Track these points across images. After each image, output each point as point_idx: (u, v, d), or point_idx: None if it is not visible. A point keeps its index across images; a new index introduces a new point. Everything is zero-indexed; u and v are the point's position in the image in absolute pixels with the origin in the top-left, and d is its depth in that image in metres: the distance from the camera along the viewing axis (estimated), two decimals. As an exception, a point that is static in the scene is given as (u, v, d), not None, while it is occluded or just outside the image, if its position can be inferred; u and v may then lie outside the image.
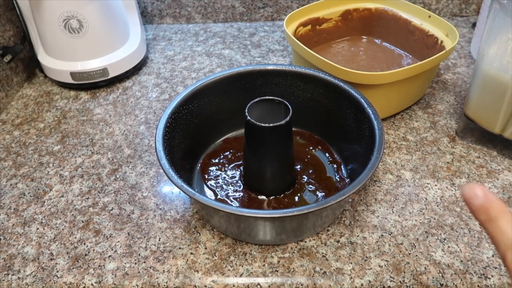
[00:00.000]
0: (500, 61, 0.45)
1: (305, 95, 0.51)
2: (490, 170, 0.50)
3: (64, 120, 0.62)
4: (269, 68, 0.51)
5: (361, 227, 0.44)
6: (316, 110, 0.52)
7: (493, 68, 0.46)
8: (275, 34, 0.80)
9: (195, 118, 0.49)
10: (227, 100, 0.51)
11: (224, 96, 0.51)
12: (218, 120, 0.52)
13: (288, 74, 0.51)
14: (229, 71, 0.51)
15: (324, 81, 0.49)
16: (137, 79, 0.70)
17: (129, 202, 0.48)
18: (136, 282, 0.40)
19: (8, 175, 0.53)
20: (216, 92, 0.50)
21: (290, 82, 0.51)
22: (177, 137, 0.46)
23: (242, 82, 0.51)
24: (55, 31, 0.63)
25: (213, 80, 0.50)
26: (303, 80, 0.51)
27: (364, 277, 0.40)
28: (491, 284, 0.39)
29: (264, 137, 0.42)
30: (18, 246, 0.44)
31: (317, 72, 0.50)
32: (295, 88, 0.52)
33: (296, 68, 0.51)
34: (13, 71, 0.67)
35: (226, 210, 0.36)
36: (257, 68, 0.51)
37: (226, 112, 0.52)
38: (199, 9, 0.83)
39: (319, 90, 0.50)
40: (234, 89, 0.51)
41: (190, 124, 0.49)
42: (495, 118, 0.49)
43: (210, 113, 0.51)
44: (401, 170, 0.51)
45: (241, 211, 0.37)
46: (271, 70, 0.51)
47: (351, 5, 0.67)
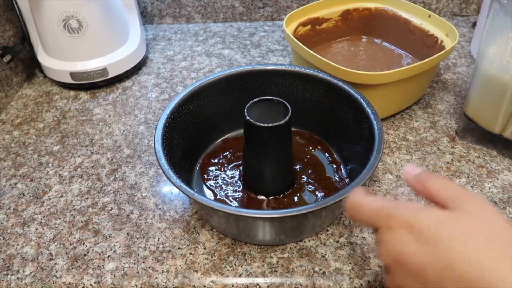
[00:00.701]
0: (500, 61, 0.45)
1: (304, 95, 0.51)
2: (490, 170, 0.50)
3: (64, 120, 0.62)
4: (268, 68, 0.51)
5: (360, 227, 0.44)
6: (315, 110, 0.51)
7: (493, 68, 0.46)
8: (275, 34, 0.80)
9: (194, 118, 0.49)
10: (226, 100, 0.51)
11: (223, 96, 0.51)
12: (218, 120, 0.52)
13: (287, 74, 0.51)
14: (228, 71, 0.50)
15: (324, 81, 0.49)
16: (137, 79, 0.70)
17: (129, 202, 0.48)
18: (135, 282, 0.40)
19: (7, 175, 0.53)
20: (215, 92, 0.50)
21: (289, 82, 0.51)
22: (177, 137, 0.46)
23: (241, 82, 0.51)
24: (54, 31, 0.63)
25: (213, 80, 0.50)
26: (302, 80, 0.51)
27: (363, 277, 0.40)
28: (491, 284, 0.39)
29: (263, 137, 0.42)
30: (17, 246, 0.44)
31: (316, 72, 0.50)
32: (294, 88, 0.51)
33: (296, 68, 0.51)
34: (12, 71, 0.68)
35: (225, 210, 0.36)
36: (257, 68, 0.51)
37: (226, 112, 0.52)
38: (199, 9, 0.83)
39: (318, 90, 0.50)
40: (234, 89, 0.51)
41: (190, 124, 0.49)
42: (495, 118, 0.49)
43: (210, 113, 0.51)
44: (401, 170, 0.50)
45: (240, 211, 0.37)
46: (271, 70, 0.51)
47: (351, 5, 0.67)
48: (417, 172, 0.29)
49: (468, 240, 0.24)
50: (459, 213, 0.25)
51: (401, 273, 0.26)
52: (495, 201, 0.46)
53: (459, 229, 0.24)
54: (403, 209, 0.26)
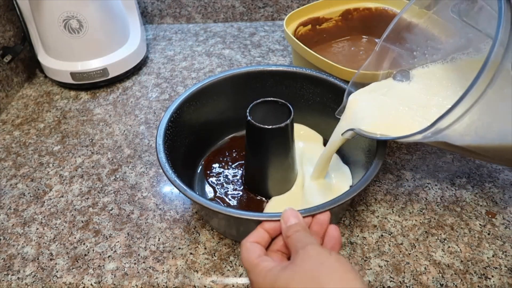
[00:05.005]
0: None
1: (314, 98, 0.51)
2: (490, 170, 0.50)
3: (64, 120, 0.62)
4: (280, 69, 0.51)
5: (361, 227, 0.44)
6: (324, 113, 0.51)
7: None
8: (275, 34, 0.80)
9: (202, 114, 0.49)
10: (237, 99, 0.51)
11: (233, 94, 0.51)
12: (226, 118, 0.52)
13: (298, 76, 0.50)
14: (239, 69, 0.51)
15: (333, 85, 0.48)
16: (137, 79, 0.70)
17: (129, 202, 0.48)
18: (135, 282, 0.40)
19: (8, 175, 0.53)
20: (225, 90, 0.50)
21: (300, 84, 0.51)
22: (183, 132, 0.46)
23: (252, 81, 0.51)
24: (55, 32, 0.63)
25: (223, 78, 0.50)
26: (313, 83, 0.50)
27: (363, 277, 0.40)
28: (491, 284, 0.39)
29: (263, 138, 0.42)
30: (18, 246, 0.44)
31: (328, 76, 0.49)
32: (305, 91, 0.51)
33: (307, 70, 0.50)
34: (13, 72, 0.68)
35: (225, 213, 0.36)
36: (268, 69, 0.51)
37: (234, 110, 0.51)
38: (199, 9, 0.83)
39: (328, 95, 0.50)
40: (244, 88, 0.51)
41: (196, 120, 0.49)
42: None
43: (218, 110, 0.51)
44: (401, 170, 0.50)
45: (239, 213, 0.36)
46: (282, 71, 0.51)
47: (351, 5, 0.67)
48: (292, 223, 0.32)
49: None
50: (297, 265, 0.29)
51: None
52: (496, 201, 0.46)
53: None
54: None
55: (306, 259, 0.28)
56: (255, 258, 0.30)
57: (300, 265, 0.28)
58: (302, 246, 0.29)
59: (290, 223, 0.32)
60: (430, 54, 0.42)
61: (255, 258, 0.30)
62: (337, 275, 0.27)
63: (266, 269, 0.29)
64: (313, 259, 0.28)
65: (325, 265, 0.27)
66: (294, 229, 0.32)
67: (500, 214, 0.45)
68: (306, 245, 0.29)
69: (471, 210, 0.46)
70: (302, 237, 0.31)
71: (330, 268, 0.27)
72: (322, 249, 0.29)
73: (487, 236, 0.43)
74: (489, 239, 0.43)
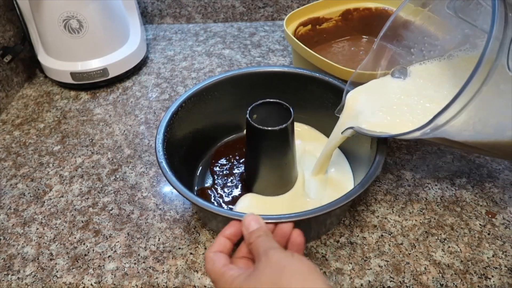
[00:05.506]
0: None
1: (314, 98, 0.51)
2: (490, 170, 0.50)
3: (64, 120, 0.62)
4: (281, 70, 0.51)
5: (361, 227, 0.44)
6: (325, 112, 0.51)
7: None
8: (275, 34, 0.80)
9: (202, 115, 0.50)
10: (237, 99, 0.51)
11: (233, 95, 0.51)
12: (226, 119, 0.53)
13: (299, 77, 0.51)
14: (239, 70, 0.51)
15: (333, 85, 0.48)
16: (137, 79, 0.70)
17: (129, 202, 0.48)
18: (135, 282, 0.40)
19: (8, 175, 0.53)
20: (224, 91, 0.50)
21: (300, 84, 0.51)
22: (181, 134, 0.47)
23: (252, 82, 0.51)
24: (55, 31, 0.63)
25: (223, 78, 0.50)
26: (313, 83, 0.50)
27: (363, 277, 0.40)
28: (491, 284, 0.39)
29: (262, 140, 0.42)
30: (18, 246, 0.44)
31: (328, 76, 0.49)
32: (305, 91, 0.51)
33: (312, 73, 0.50)
34: (13, 72, 0.68)
35: (223, 214, 0.36)
36: (268, 70, 0.51)
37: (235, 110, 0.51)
38: (199, 9, 0.83)
39: (328, 94, 0.50)
40: (245, 88, 0.51)
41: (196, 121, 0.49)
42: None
43: (219, 111, 0.51)
44: (401, 170, 0.50)
45: (239, 215, 0.35)
46: (282, 72, 0.51)
47: (351, 5, 0.67)
48: (253, 229, 0.33)
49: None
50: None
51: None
52: (496, 201, 0.46)
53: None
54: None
55: (268, 265, 0.28)
56: (220, 268, 0.31)
57: (263, 272, 0.28)
58: (265, 252, 0.30)
59: (252, 228, 0.32)
60: (427, 51, 0.42)
61: (220, 268, 0.31)
62: (301, 277, 0.27)
63: (232, 277, 0.29)
64: (275, 264, 0.28)
65: (287, 269, 0.28)
66: (256, 235, 0.32)
67: (500, 214, 0.45)
68: (268, 250, 0.30)
69: (471, 210, 0.46)
70: (264, 242, 0.31)
71: (293, 271, 0.28)
72: (284, 253, 0.29)
73: (487, 236, 0.43)
74: (489, 239, 0.43)
